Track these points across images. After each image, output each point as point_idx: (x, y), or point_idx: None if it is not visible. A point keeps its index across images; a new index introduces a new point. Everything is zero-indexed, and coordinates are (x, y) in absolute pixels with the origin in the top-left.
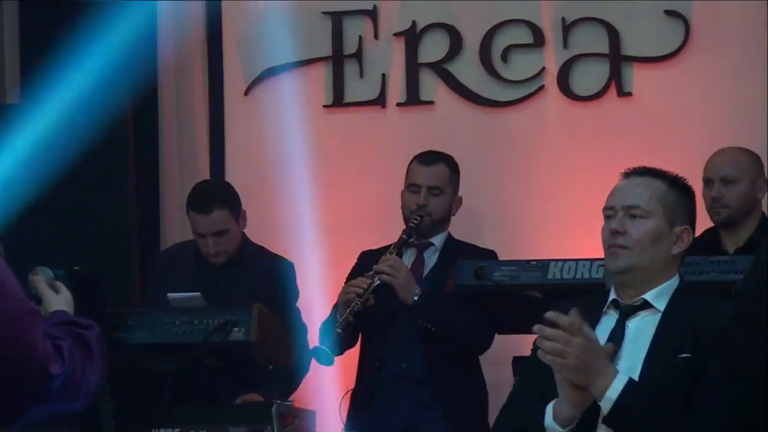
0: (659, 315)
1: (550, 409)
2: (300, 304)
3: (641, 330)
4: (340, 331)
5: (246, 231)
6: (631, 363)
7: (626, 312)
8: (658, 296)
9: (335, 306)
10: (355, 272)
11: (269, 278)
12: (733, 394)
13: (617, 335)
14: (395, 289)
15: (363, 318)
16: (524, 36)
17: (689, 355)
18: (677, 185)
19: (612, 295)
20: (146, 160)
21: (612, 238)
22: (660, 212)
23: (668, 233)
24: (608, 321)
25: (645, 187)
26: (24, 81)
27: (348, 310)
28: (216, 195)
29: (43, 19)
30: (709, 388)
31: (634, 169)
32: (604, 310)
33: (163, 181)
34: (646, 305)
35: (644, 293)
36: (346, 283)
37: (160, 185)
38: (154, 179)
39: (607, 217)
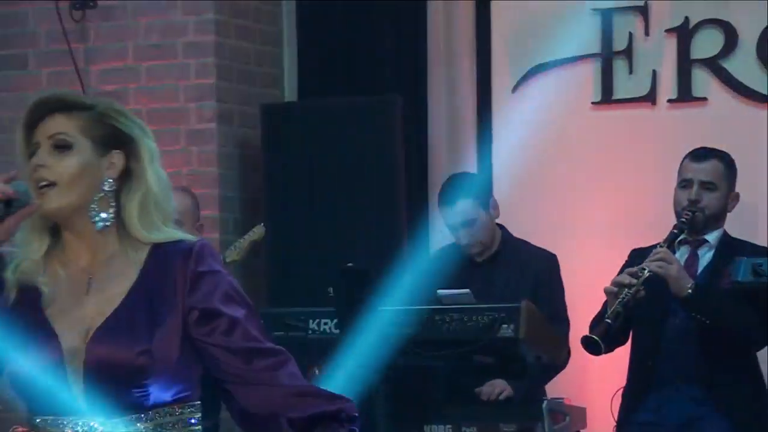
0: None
1: None
2: (566, 299)
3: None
4: (609, 321)
5: (513, 226)
6: None
7: None
8: None
9: (605, 304)
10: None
11: (532, 271)
12: None
13: None
14: (668, 281)
15: (633, 312)
16: None
17: None
18: None
19: None
20: (415, 159)
21: None
22: None
23: None
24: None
25: None
26: (301, 79)
27: (617, 301)
28: (460, 186)
29: (319, 18)
30: None
31: None
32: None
33: (431, 179)
34: None
35: None
36: None
37: (428, 184)
38: (423, 178)
39: None
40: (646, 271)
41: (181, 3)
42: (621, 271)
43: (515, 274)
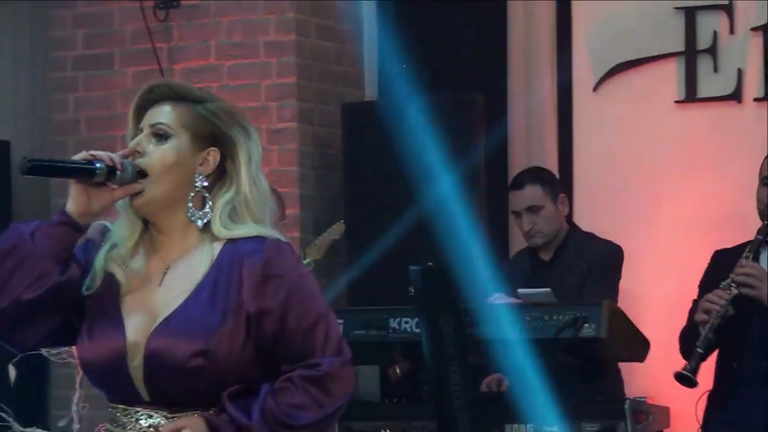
0: None
1: None
2: (645, 298)
3: None
4: (701, 350)
5: (593, 225)
6: None
7: None
8: None
9: (691, 311)
10: (710, 273)
11: (589, 258)
12: None
13: None
14: (758, 300)
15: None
16: None
17: None
18: None
19: None
20: (496, 157)
21: None
22: None
23: None
24: None
25: None
26: (381, 78)
27: (708, 327)
28: (529, 173)
29: (400, 18)
30: None
31: None
32: None
33: (511, 178)
34: None
35: None
36: (700, 286)
37: (508, 183)
38: (503, 176)
39: None
40: (733, 289)
41: (263, 2)
42: (705, 275)
43: (576, 265)
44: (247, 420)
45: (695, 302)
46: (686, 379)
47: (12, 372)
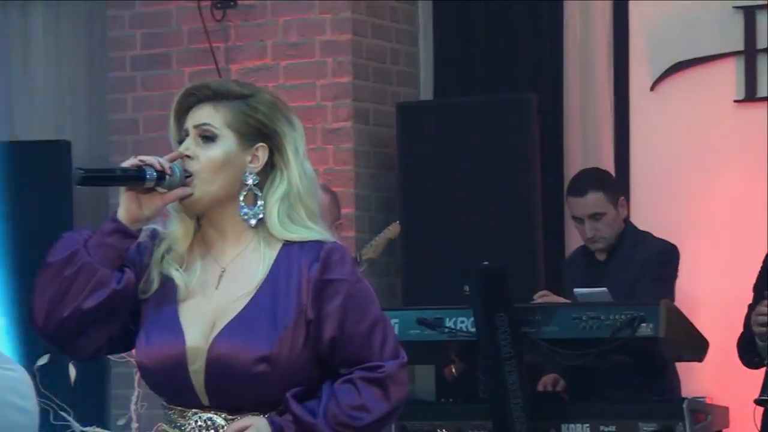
0: None
1: None
2: (702, 298)
3: None
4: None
5: (649, 225)
6: None
7: None
8: None
9: (747, 317)
10: (762, 276)
11: (649, 259)
12: None
13: None
14: None
15: None
16: None
17: None
18: None
19: None
20: (551, 157)
21: None
22: None
23: None
24: None
25: None
26: (437, 78)
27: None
28: (591, 178)
29: (455, 17)
30: None
31: None
32: None
33: (567, 178)
34: None
35: None
36: (754, 289)
37: (563, 183)
38: (559, 177)
39: None
40: None
41: (319, 2)
42: (759, 275)
43: (630, 264)
44: (312, 418)
45: (750, 307)
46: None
47: (72, 371)
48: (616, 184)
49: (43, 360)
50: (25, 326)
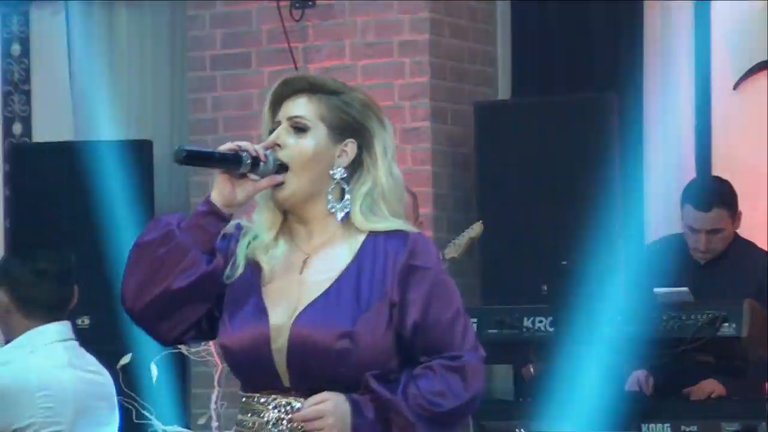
0: None
1: None
2: None
3: None
4: None
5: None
6: None
7: None
8: None
9: None
10: None
11: (757, 274)
12: None
13: None
14: None
15: None
16: None
17: None
18: None
19: None
20: (632, 156)
21: None
22: None
23: None
24: None
25: None
26: (515, 77)
27: None
28: (718, 194)
29: (534, 17)
30: None
31: None
32: None
33: (647, 179)
34: None
35: None
36: None
37: (644, 184)
38: (639, 178)
39: None
40: None
41: (397, 2)
42: None
43: (739, 275)
44: (390, 395)
45: None
46: None
47: (154, 370)
48: (737, 200)
49: (125, 359)
50: (109, 326)
